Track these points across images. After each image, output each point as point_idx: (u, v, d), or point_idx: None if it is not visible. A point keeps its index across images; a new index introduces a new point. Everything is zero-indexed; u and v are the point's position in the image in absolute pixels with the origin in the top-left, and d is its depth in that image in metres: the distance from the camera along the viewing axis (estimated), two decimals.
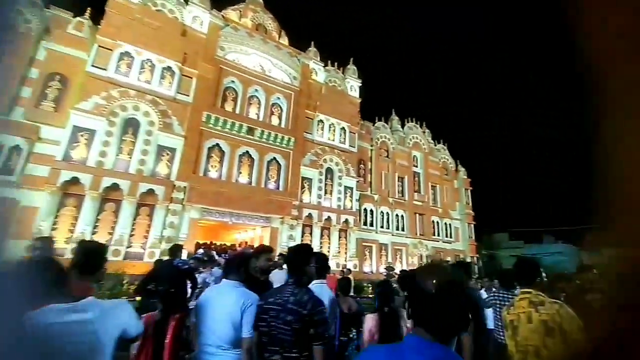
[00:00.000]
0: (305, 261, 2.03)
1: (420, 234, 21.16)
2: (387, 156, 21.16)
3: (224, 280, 2.28)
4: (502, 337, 3.10)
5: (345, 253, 16.77)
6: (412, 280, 1.05)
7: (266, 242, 14.50)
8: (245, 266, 2.46)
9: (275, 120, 15.77)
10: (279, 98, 16.03)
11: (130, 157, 11.79)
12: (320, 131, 17.28)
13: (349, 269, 11.70)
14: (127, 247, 11.10)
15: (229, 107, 14.44)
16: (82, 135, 11.05)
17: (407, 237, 20.33)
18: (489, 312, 4.94)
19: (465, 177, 25.34)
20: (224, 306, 2.06)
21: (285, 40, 17.85)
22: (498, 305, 4.07)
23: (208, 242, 13.78)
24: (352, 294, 4.32)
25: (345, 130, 18.19)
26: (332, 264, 15.12)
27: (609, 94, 0.46)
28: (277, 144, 15.25)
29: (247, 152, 14.46)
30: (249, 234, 17.14)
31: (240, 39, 15.53)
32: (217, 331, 2.02)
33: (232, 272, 2.31)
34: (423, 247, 20.96)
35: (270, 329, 1.81)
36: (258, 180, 14.39)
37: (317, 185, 16.32)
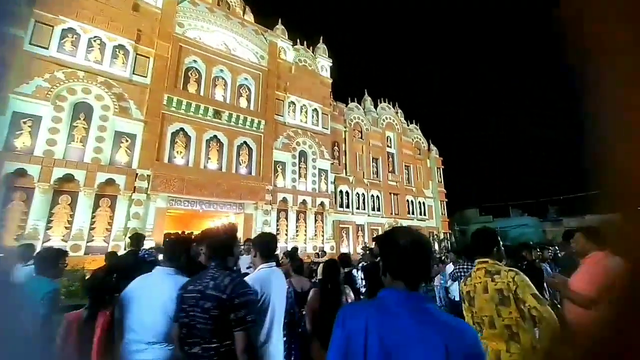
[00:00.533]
0: (229, 243, 1.85)
1: (395, 214, 21.62)
2: (361, 137, 21.14)
3: (156, 267, 2.04)
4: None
5: (322, 236, 16.82)
6: (387, 238, 1.16)
7: (240, 229, 14.20)
8: (185, 252, 2.23)
9: (243, 103, 15.14)
10: (246, 79, 15.34)
11: (84, 145, 10.90)
12: (292, 113, 16.84)
13: (324, 252, 11.72)
14: (88, 242, 10.43)
15: (192, 88, 13.63)
16: (25, 122, 10.03)
17: (382, 217, 20.70)
18: (455, 285, 5.04)
19: (437, 156, 25.96)
20: (156, 297, 1.84)
21: (250, 17, 16.95)
22: (461, 278, 4.13)
23: (179, 232, 13.21)
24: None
25: (317, 111, 17.85)
26: (309, 247, 15.15)
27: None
28: (247, 127, 14.70)
29: (215, 136, 13.84)
30: (223, 221, 16.69)
31: (201, 15, 14.54)
32: (148, 324, 1.80)
33: (168, 258, 2.07)
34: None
35: (190, 319, 1.63)
36: (228, 165, 13.89)
37: (291, 168, 16.04)
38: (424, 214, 23.50)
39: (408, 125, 24.96)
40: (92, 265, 9.48)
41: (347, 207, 19.01)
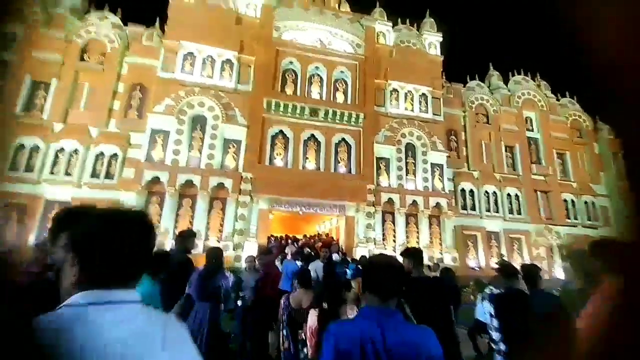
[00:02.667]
0: None
1: (546, 218, 16.91)
2: (487, 122, 17.60)
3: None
4: None
5: (440, 244, 14.51)
6: (367, 262, 1.64)
7: (342, 233, 13.65)
8: None
9: (340, 97, 14.74)
10: (342, 72, 14.92)
11: (201, 153, 12.56)
12: (395, 102, 15.40)
13: (437, 264, 9.80)
14: (205, 240, 11.81)
15: (289, 90, 14.12)
16: (158, 137, 12.29)
17: (526, 222, 16.48)
18: None
19: (612, 136, 19.11)
20: None
21: (346, 7, 16.58)
22: None
23: (282, 235, 13.72)
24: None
25: (426, 96, 15.80)
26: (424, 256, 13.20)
27: None
28: (345, 122, 14.17)
29: (313, 135, 13.85)
30: (328, 225, 16.60)
31: (295, 16, 15.04)
32: None
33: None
34: (552, 235, 16.65)
35: None
36: (326, 164, 13.63)
37: (396, 164, 14.55)
38: (594, 218, 17.51)
39: (558, 100, 19.43)
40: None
41: (473, 209, 15.94)
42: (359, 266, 7.52)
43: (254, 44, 13.97)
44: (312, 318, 3.22)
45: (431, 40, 17.10)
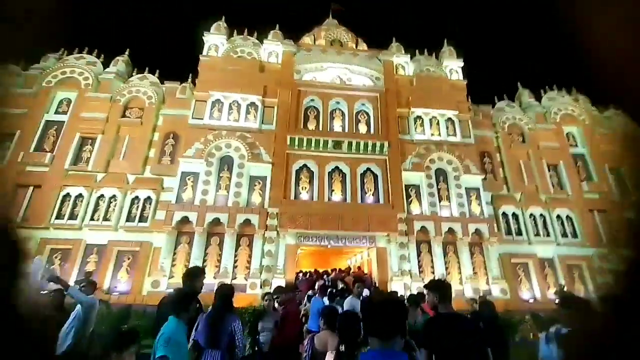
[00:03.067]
0: None
1: (608, 240, 14.84)
2: (523, 141, 16.64)
3: None
4: None
5: (486, 274, 13.14)
6: (368, 301, 1.73)
7: (374, 266, 12.88)
8: None
9: (362, 128, 14.83)
10: (363, 104, 15.18)
11: (228, 192, 12.90)
12: (420, 128, 15.17)
13: (484, 296, 8.74)
14: (233, 279, 11.64)
15: (311, 125, 14.48)
16: (189, 179, 12.88)
17: (584, 246, 14.62)
18: None
19: None
20: None
21: (363, 46, 17.33)
22: None
23: (311, 271, 13.22)
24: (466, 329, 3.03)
25: (452, 120, 15.45)
26: (467, 289, 12.07)
27: None
28: (369, 152, 14.08)
29: (337, 167, 13.83)
30: (359, 258, 15.83)
31: (315, 58, 15.90)
32: None
33: None
34: (617, 260, 14.45)
35: None
36: (352, 195, 13.35)
37: (427, 191, 13.91)
38: None
39: (602, 113, 18.08)
40: (235, 303, 10.28)
41: (519, 234, 14.52)
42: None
43: (277, 87, 14.77)
44: None
45: (452, 66, 17.13)
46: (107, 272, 11.93)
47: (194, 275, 3.55)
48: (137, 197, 13.11)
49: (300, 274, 12.37)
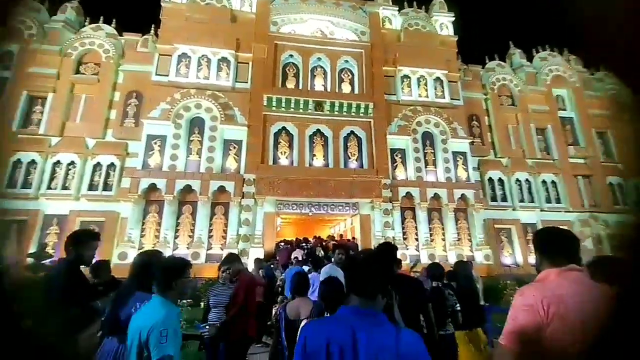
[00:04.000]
0: None
1: (590, 205, 15.04)
2: (512, 103, 16.10)
3: None
4: None
5: (469, 240, 13.05)
6: (348, 259, 2.08)
7: (357, 234, 12.52)
8: None
9: (346, 88, 13.82)
10: (346, 61, 14.04)
11: (200, 157, 11.94)
12: (407, 89, 14.28)
13: (470, 262, 8.47)
14: (208, 249, 11.05)
15: (290, 84, 13.37)
16: (155, 143, 11.78)
17: (567, 211, 14.71)
18: None
19: None
20: None
21: None
22: None
23: (292, 239, 12.72)
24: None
25: (441, 80, 14.58)
26: (450, 256, 11.95)
27: None
28: (353, 114, 13.20)
29: (318, 130, 12.98)
30: (343, 226, 15.49)
31: (293, 8, 14.40)
32: None
33: None
34: (599, 224, 14.75)
35: None
36: (335, 160, 12.65)
37: (413, 155, 13.35)
38: None
39: (592, 74, 17.59)
40: (209, 273, 9.78)
41: (504, 200, 14.38)
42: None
43: (251, 41, 13.35)
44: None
45: (442, 21, 15.95)
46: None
47: (79, 241, 2.62)
48: (99, 164, 11.97)
49: (282, 244, 11.86)
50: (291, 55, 13.68)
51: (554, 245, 1.52)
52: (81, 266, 2.70)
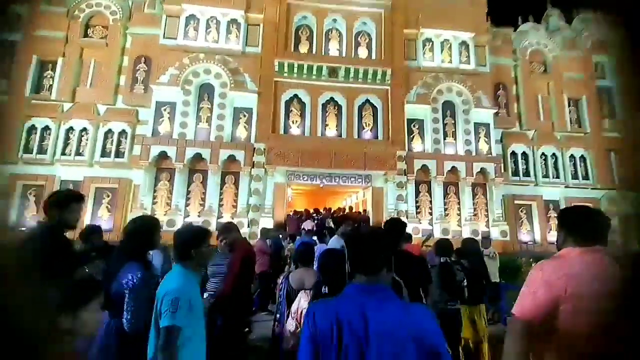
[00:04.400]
0: None
1: (620, 182, 14.04)
2: (544, 70, 14.83)
3: None
4: None
5: (486, 217, 12.58)
6: (349, 235, 1.56)
7: (369, 207, 12.27)
8: None
9: (363, 53, 12.97)
10: (364, 23, 13.06)
11: (209, 125, 11.70)
12: (429, 53, 13.28)
13: (488, 238, 8.12)
14: (219, 218, 11.10)
15: (303, 48, 12.63)
16: (164, 110, 11.58)
17: (594, 188, 13.85)
18: None
19: None
20: None
21: None
22: None
23: (302, 210, 12.63)
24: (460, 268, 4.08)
25: (467, 44, 13.45)
26: (465, 231, 11.58)
27: None
28: (369, 81, 12.47)
29: (332, 98, 12.38)
30: (354, 199, 15.26)
31: None
32: None
33: None
34: (628, 203, 13.81)
35: None
36: (348, 130, 12.15)
37: (432, 126, 12.67)
38: None
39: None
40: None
41: (527, 175, 13.63)
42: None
43: (262, 0, 12.53)
44: (302, 301, 2.88)
45: None
46: (87, 210, 11.33)
47: (61, 204, 2.33)
48: (110, 131, 11.95)
49: (292, 214, 11.79)
50: (305, 17, 12.81)
51: (581, 224, 1.48)
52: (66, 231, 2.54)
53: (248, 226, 10.81)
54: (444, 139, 12.73)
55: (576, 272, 1.32)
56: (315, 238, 8.23)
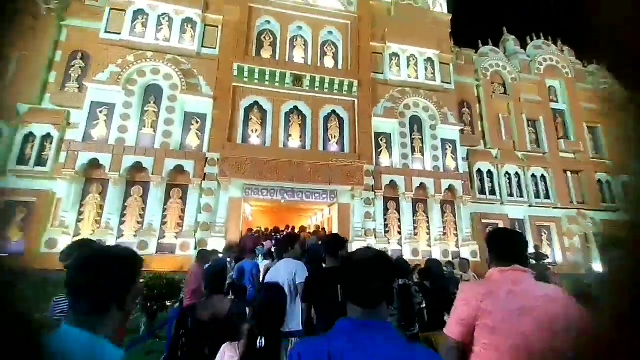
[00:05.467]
0: None
1: (579, 202, 14.44)
2: (504, 92, 15.22)
3: None
4: None
5: (455, 236, 12.08)
6: (345, 258, 1.19)
7: (335, 225, 11.27)
8: None
9: (329, 63, 12.40)
10: (330, 32, 12.59)
11: (155, 131, 10.26)
12: (396, 68, 13.02)
13: (462, 259, 7.38)
14: (160, 238, 9.48)
15: (266, 54, 11.80)
16: (101, 112, 9.99)
17: (555, 207, 14.03)
18: None
19: None
20: None
21: None
22: None
23: (258, 229, 11.31)
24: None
25: (432, 61, 13.42)
26: (435, 251, 10.89)
27: None
28: (335, 92, 11.84)
29: (296, 107, 11.54)
30: (320, 216, 14.19)
31: None
32: None
33: None
34: (586, 222, 14.18)
35: None
36: (313, 142, 11.29)
37: (400, 141, 12.19)
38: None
39: (585, 66, 16.96)
40: (160, 266, 8.19)
41: (493, 193, 13.51)
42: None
43: (222, 1, 11.66)
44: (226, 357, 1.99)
45: None
46: None
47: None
48: (31, 134, 10.07)
49: (248, 232, 10.42)
50: (268, 22, 12.09)
51: (501, 245, 1.54)
52: None
53: (195, 248, 9.28)
54: (412, 154, 12.28)
55: (492, 290, 1.38)
56: (266, 261, 6.99)
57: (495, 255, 1.50)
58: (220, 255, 6.45)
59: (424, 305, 3.87)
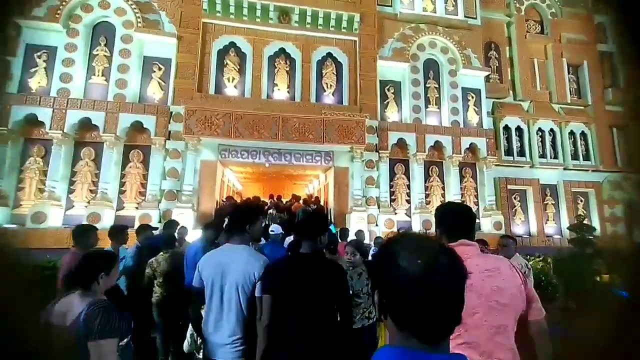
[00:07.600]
0: None
1: (625, 164, 12.08)
2: (542, 31, 12.45)
3: None
4: None
5: (476, 204, 10.13)
6: (386, 253, 0.73)
7: (330, 194, 9.48)
8: None
9: None
10: None
11: (107, 80, 8.35)
12: None
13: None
14: (118, 210, 7.90)
15: None
16: (39, 57, 8.10)
17: (596, 170, 11.78)
18: None
19: None
20: None
21: None
22: None
23: (231, 198, 9.63)
24: None
25: None
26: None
27: None
28: (332, 29, 9.54)
29: (283, 49, 9.35)
30: (316, 184, 12.40)
31: None
32: None
33: None
34: (633, 188, 11.88)
35: None
36: (303, 93, 9.23)
37: (411, 90, 9.96)
38: None
39: None
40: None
41: (521, 154, 11.32)
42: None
43: None
44: None
45: None
46: None
47: None
48: None
49: (226, 200, 8.75)
50: None
51: (448, 220, 1.53)
52: None
53: (159, 221, 7.66)
54: (426, 106, 10.09)
55: None
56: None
57: (444, 230, 1.50)
58: (155, 232, 4.78)
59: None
